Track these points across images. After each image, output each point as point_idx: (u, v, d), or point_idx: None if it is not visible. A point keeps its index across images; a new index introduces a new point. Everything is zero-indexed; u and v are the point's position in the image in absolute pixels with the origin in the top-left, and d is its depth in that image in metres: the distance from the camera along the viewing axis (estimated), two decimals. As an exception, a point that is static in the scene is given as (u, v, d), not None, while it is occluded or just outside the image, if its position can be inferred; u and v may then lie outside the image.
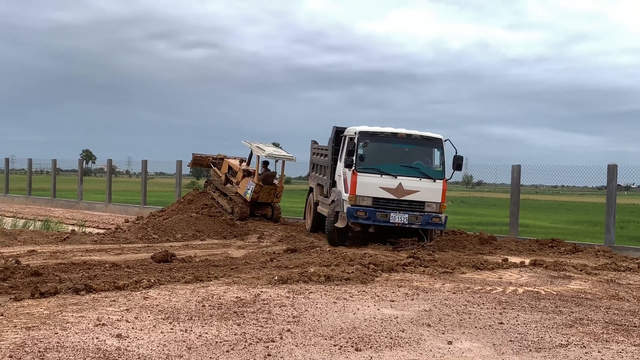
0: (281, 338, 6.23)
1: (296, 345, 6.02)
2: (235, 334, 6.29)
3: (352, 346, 6.08)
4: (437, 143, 15.09)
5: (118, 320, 6.67)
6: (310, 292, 8.59)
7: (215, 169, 21.57)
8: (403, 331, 6.74)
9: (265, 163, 19.88)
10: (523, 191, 20.23)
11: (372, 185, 14.61)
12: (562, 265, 12.25)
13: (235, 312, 7.21)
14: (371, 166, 14.74)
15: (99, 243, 14.18)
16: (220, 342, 6.01)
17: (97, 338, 5.96)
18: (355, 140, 14.75)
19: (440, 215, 14.69)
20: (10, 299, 7.53)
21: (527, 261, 12.78)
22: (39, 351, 5.49)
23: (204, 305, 7.51)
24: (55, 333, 6.07)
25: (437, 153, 15.05)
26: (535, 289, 9.70)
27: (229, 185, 20.41)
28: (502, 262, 12.41)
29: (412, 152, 15.12)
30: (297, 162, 21.20)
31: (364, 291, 8.88)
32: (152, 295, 8.01)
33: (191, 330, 6.37)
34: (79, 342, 5.81)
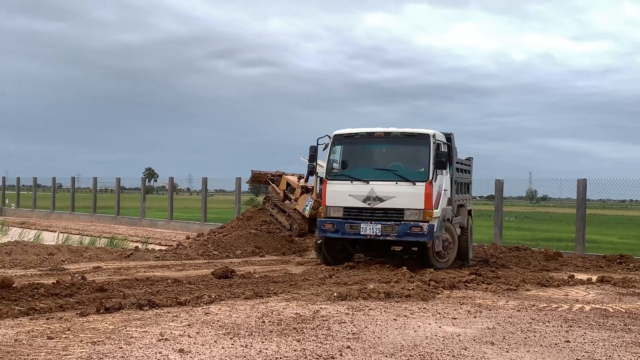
0: (341, 355, 6.18)
1: (356, 363, 5.96)
2: (295, 350, 6.28)
3: (413, 364, 5.99)
4: (423, 140, 12.94)
5: (180, 335, 6.75)
6: (370, 309, 8.52)
7: (274, 185, 21.72)
8: (465, 349, 6.59)
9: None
10: (589, 206, 19.62)
11: (342, 193, 13.07)
12: (631, 282, 11.79)
13: (294, 328, 7.20)
14: (341, 172, 13.28)
15: (161, 259, 14.44)
16: (280, 357, 6.01)
17: (160, 353, 6.04)
18: (329, 145, 13.35)
19: (420, 224, 12.52)
20: (77, 314, 7.72)
21: (594, 278, 12.36)
22: (104, 365, 5.60)
23: (263, 321, 7.53)
24: (120, 348, 6.18)
25: (425, 152, 12.83)
26: (603, 307, 9.36)
27: (287, 202, 20.51)
28: (568, 279, 12.04)
29: (392, 153, 13.42)
30: None
31: (424, 308, 8.75)
32: (213, 311, 8.08)
33: (251, 346, 6.39)
34: (142, 356, 5.90)
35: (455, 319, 8.13)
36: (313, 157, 13.49)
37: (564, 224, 33.10)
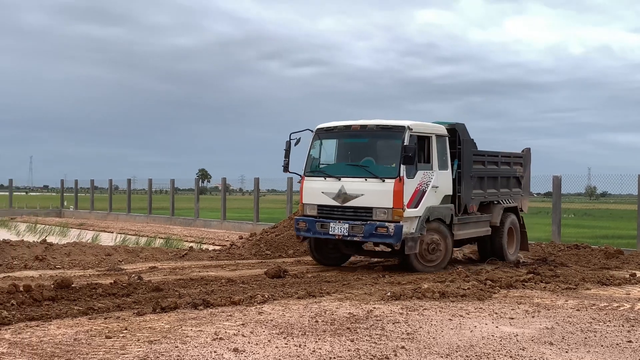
0: (395, 355, 6.10)
1: (411, 363, 5.88)
2: (348, 350, 6.23)
3: (470, 365, 5.87)
4: (397, 133, 11.90)
5: (234, 334, 6.78)
6: (425, 309, 8.40)
7: None
8: (523, 349, 6.43)
9: None
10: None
11: (316, 190, 12.53)
12: (698, 281, 11.32)
13: (348, 328, 7.15)
14: (317, 169, 12.74)
15: (215, 259, 14.58)
16: (334, 357, 5.97)
17: (215, 352, 6.08)
18: (299, 141, 12.79)
19: (387, 224, 11.59)
20: (134, 313, 7.85)
21: (657, 276, 11.93)
22: (160, 364, 5.66)
23: (317, 321, 7.50)
24: (176, 347, 6.25)
25: (398, 146, 11.79)
26: (669, 306, 9.01)
27: None
28: (629, 277, 11.65)
29: (367, 147, 12.47)
30: None
31: (481, 308, 8.58)
32: (266, 311, 8.10)
33: (305, 346, 6.37)
34: (198, 355, 5.95)
35: (512, 318, 7.94)
36: (287, 152, 12.80)
37: (625, 220, 32.15)
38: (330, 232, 12.21)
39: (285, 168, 12.82)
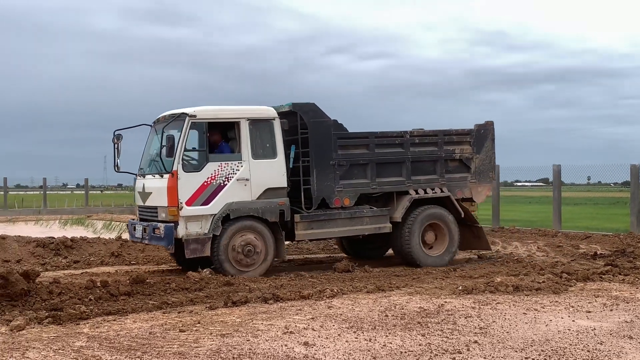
0: (468, 349, 5.99)
1: (484, 358, 5.76)
2: (420, 345, 6.15)
3: (545, 359, 5.70)
4: (179, 122, 10.63)
5: (304, 328, 6.81)
6: (498, 303, 8.21)
7: None
8: (601, 344, 6.20)
9: None
10: None
11: (136, 190, 11.83)
12: None
13: (419, 323, 7.07)
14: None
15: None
16: (405, 352, 5.91)
17: (285, 345, 6.11)
18: (121, 138, 11.42)
19: (159, 224, 10.52)
20: (206, 307, 7.99)
21: None
22: (233, 357, 5.75)
23: (387, 315, 7.45)
24: (247, 340, 6.32)
25: (195, 137, 10.72)
26: None
27: None
28: None
29: (161, 140, 10.84)
30: None
31: (556, 301, 8.33)
32: (335, 305, 8.10)
33: (375, 340, 6.33)
34: (269, 349, 6.00)
35: (589, 312, 7.68)
36: (115, 150, 11.34)
37: None
38: (135, 236, 11.50)
39: (115, 167, 11.42)
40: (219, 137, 11.04)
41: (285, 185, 11.19)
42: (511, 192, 45.26)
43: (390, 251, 13.36)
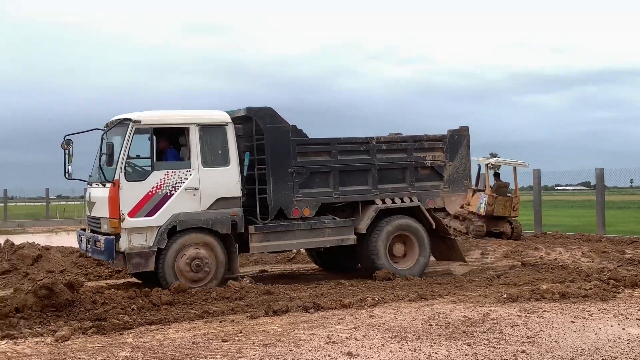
0: (516, 359, 5.84)
1: (534, 368, 5.61)
2: (466, 355, 6.03)
3: (598, 370, 5.54)
4: (123, 128, 9.98)
5: (347, 338, 6.73)
6: (544, 311, 8.02)
7: None
8: (657, 354, 6.00)
9: (496, 175, 19.16)
10: None
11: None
12: None
13: (464, 332, 6.93)
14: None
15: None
16: (452, 362, 5.79)
17: (329, 356, 6.05)
18: (70, 145, 10.41)
19: (100, 237, 9.80)
20: (247, 317, 7.97)
21: None
22: (276, 368, 5.69)
23: (430, 324, 7.32)
24: (290, 350, 6.27)
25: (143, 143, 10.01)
26: None
27: (459, 209, 19.87)
28: None
29: (100, 147, 10.35)
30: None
31: (604, 309, 8.10)
32: (377, 314, 8.00)
33: (420, 350, 6.22)
34: (312, 359, 5.95)
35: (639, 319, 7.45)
36: (64, 156, 10.43)
37: None
38: (82, 247, 10.87)
39: (66, 174, 10.49)
40: (168, 144, 10.38)
41: (239, 195, 10.42)
42: (552, 196, 44.57)
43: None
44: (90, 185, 10.70)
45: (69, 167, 10.38)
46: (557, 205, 38.03)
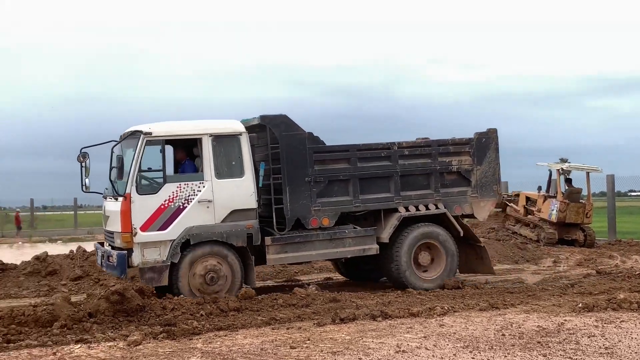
0: (596, 372, 5.59)
1: (616, 382, 5.35)
2: (542, 366, 5.81)
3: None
4: (134, 141, 9.80)
5: (417, 347, 6.59)
6: (622, 321, 7.68)
7: (512, 205, 20.59)
8: None
9: (568, 180, 18.60)
10: None
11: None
12: None
13: (539, 342, 6.69)
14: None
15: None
16: (527, 374, 5.58)
17: (398, 365, 5.93)
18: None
19: (113, 253, 9.66)
20: (314, 324, 7.92)
21: None
22: (345, 376, 5.61)
23: (503, 334, 7.10)
24: (359, 358, 6.19)
25: (154, 155, 9.78)
26: None
27: (530, 216, 19.38)
28: None
29: (111, 160, 10.10)
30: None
31: (689, 320, 7.69)
32: (447, 323, 7.82)
33: (493, 361, 6.03)
34: (381, 368, 5.83)
35: None
36: (81, 169, 10.13)
37: None
38: (98, 262, 10.78)
39: (83, 187, 10.25)
40: (183, 155, 10.28)
41: (254, 206, 10.12)
42: (626, 202, 43.09)
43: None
44: (105, 198, 10.54)
45: (86, 180, 10.18)
46: (631, 212, 36.60)
